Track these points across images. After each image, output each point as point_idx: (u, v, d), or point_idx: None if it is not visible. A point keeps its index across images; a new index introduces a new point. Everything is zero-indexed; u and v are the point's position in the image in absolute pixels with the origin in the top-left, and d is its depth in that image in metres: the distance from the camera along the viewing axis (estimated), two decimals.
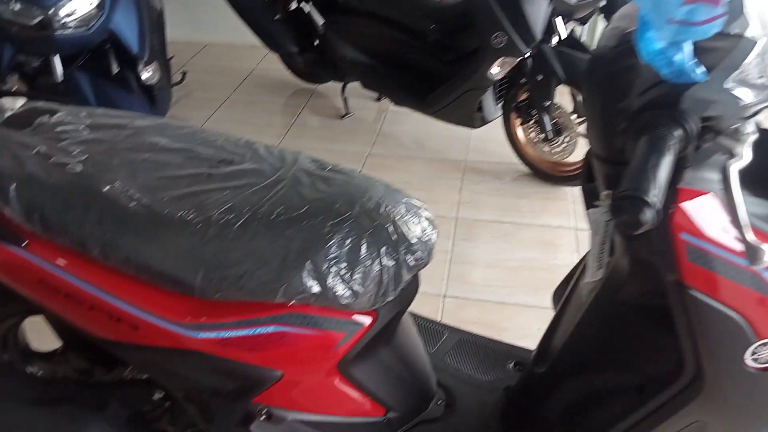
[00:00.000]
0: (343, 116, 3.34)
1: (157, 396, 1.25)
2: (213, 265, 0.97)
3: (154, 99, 2.48)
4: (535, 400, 1.25)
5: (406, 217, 1.06)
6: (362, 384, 1.17)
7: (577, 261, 2.29)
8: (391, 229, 1.03)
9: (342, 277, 0.99)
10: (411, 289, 1.11)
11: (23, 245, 1.01)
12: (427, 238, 1.07)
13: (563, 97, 2.51)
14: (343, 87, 3.28)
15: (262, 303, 1.01)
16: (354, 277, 1.00)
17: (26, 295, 1.07)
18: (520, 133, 2.70)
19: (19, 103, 1.17)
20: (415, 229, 1.06)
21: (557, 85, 2.38)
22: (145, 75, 2.39)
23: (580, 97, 2.49)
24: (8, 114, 1.14)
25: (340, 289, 0.99)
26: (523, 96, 2.56)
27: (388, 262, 1.02)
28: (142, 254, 0.98)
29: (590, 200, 1.02)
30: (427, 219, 1.10)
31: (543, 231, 2.48)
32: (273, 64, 3.91)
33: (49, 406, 1.23)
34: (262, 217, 1.00)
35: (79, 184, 1.01)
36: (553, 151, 2.59)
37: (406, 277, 1.05)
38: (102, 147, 1.08)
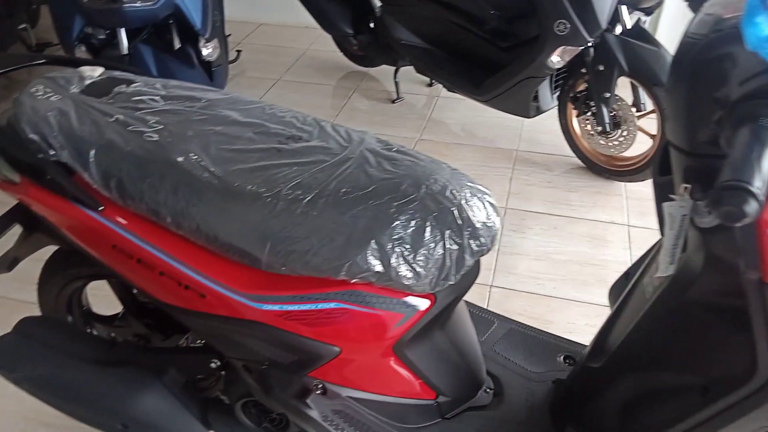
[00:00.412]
0: (394, 101, 3.33)
1: (214, 364, 1.28)
2: (280, 239, 0.98)
3: (212, 75, 2.52)
4: (588, 394, 1.24)
5: (471, 202, 1.05)
6: (416, 366, 1.18)
7: (628, 258, 2.27)
8: (456, 212, 1.03)
9: (405, 258, 1.00)
10: (471, 275, 1.11)
11: (100, 210, 1.04)
12: (491, 224, 1.07)
13: (623, 89, 2.44)
14: (396, 71, 3.27)
15: (325, 279, 1.02)
16: (417, 259, 1.00)
17: (99, 259, 1.11)
18: (575, 124, 2.65)
19: (98, 71, 1.20)
20: (480, 214, 1.05)
21: (619, 77, 2.32)
22: (206, 51, 2.43)
23: (641, 89, 2.43)
24: (88, 81, 1.17)
25: (403, 270, 1.00)
26: (582, 86, 2.51)
27: (452, 245, 1.02)
28: (212, 225, 1.00)
29: (664, 194, 0.99)
30: (491, 205, 1.09)
31: (594, 226, 2.43)
32: (325, 46, 3.93)
33: (112, 368, 1.28)
34: (329, 195, 1.01)
35: (155, 152, 1.03)
36: (609, 145, 2.53)
37: (469, 262, 1.05)
38: (176, 118, 1.10)
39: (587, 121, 2.56)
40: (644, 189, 2.60)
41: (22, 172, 1.08)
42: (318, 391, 1.11)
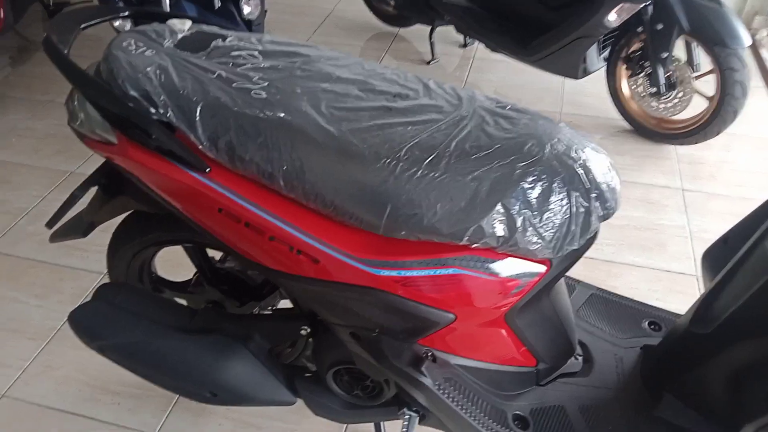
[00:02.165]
0: (429, 62, 3.24)
1: (304, 331, 1.25)
2: (401, 203, 0.93)
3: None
4: (692, 362, 1.21)
5: (595, 162, 1.00)
6: (522, 333, 1.14)
7: (685, 222, 2.23)
8: (582, 174, 0.98)
9: (531, 222, 0.95)
10: (590, 239, 1.06)
11: (207, 172, 0.99)
12: (614, 185, 1.02)
13: (677, 49, 2.36)
14: (431, 31, 3.17)
15: (444, 244, 0.97)
16: (543, 223, 0.96)
17: (198, 224, 1.06)
18: (624, 86, 2.58)
19: (187, 25, 1.13)
20: (605, 175, 1.01)
21: (678, 36, 2.24)
22: (247, 9, 2.33)
23: (697, 49, 2.35)
24: (180, 36, 1.10)
25: (529, 235, 0.95)
26: (635, 46, 2.43)
27: (579, 208, 0.97)
28: (328, 187, 0.95)
29: None
30: (611, 165, 1.04)
31: (648, 190, 2.38)
32: (351, 6, 3.81)
33: (198, 335, 1.24)
34: (450, 156, 0.96)
35: (265, 110, 0.97)
36: (661, 107, 2.47)
37: (594, 225, 1.00)
38: (280, 74, 1.04)
39: (639, 83, 2.49)
40: (696, 152, 2.54)
41: (120, 132, 1.01)
42: (429, 359, 1.07)
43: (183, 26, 1.12)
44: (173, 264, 1.62)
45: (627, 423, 1.25)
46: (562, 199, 0.96)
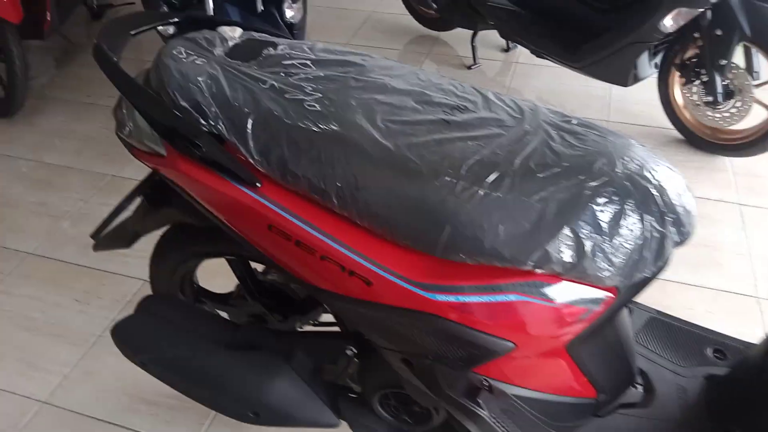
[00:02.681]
0: (470, 67, 3.17)
1: (350, 351, 1.20)
2: (461, 224, 0.88)
3: (293, 38, 2.40)
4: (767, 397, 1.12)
5: (670, 184, 0.93)
6: (583, 363, 1.08)
7: (743, 239, 2.12)
8: (657, 196, 0.91)
9: (600, 247, 0.88)
10: (661, 266, 0.99)
11: (257, 187, 0.95)
12: (690, 209, 0.95)
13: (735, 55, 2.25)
14: (474, 35, 3.10)
15: (505, 268, 0.91)
16: (613, 249, 0.89)
17: (245, 239, 1.02)
18: (677, 93, 2.47)
19: (238, 32, 1.09)
20: (680, 198, 0.93)
21: (739, 42, 2.13)
22: (290, 13, 2.31)
23: (758, 56, 2.23)
24: (232, 43, 1.06)
25: (597, 262, 0.89)
26: (690, 52, 2.32)
27: (653, 234, 0.90)
28: (385, 205, 0.90)
29: None
30: (687, 187, 0.96)
31: (701, 204, 2.27)
32: (390, 8, 3.77)
33: (241, 351, 1.20)
34: (514, 174, 0.90)
35: (319, 123, 0.93)
36: (717, 117, 2.36)
37: (668, 252, 0.93)
38: (334, 85, 0.99)
39: (693, 91, 2.38)
40: (753, 164, 2.42)
41: (169, 144, 0.98)
42: (485, 389, 1.01)
43: (234, 33, 1.08)
44: (214, 274, 1.60)
45: None
46: (634, 223, 0.89)
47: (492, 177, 0.89)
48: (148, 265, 1.42)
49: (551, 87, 3.00)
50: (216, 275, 1.61)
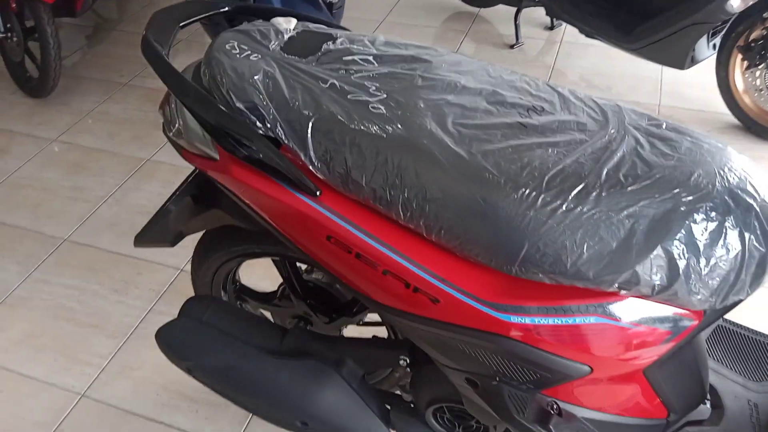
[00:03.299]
0: (513, 46, 3.04)
1: (403, 362, 1.14)
2: (541, 241, 0.80)
3: (333, 17, 2.30)
4: None
5: None
6: (659, 384, 1.00)
7: None
8: (759, 212, 0.81)
9: (695, 269, 0.80)
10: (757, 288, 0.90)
11: (317, 196, 0.88)
12: None
13: None
14: (517, 12, 2.96)
15: (584, 289, 0.83)
16: (709, 271, 0.80)
17: (300, 247, 0.95)
18: (738, 77, 2.32)
19: (293, 23, 1.01)
20: None
21: None
22: None
23: None
24: (287, 36, 0.98)
25: (691, 284, 0.80)
26: (757, 34, 2.17)
27: (752, 254, 0.81)
28: (457, 219, 0.82)
29: None
30: None
31: None
32: None
33: (289, 358, 1.15)
34: (600, 187, 0.81)
35: (385, 128, 0.85)
36: None
37: (767, 275, 0.84)
38: (399, 84, 0.91)
39: (757, 75, 2.23)
40: None
41: (222, 147, 0.91)
42: (554, 412, 0.94)
43: (289, 25, 1.00)
44: (255, 271, 1.55)
45: None
46: (734, 243, 0.80)
47: (576, 190, 0.80)
48: (191, 262, 1.38)
49: (598, 68, 2.87)
50: (257, 272, 1.57)
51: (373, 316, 1.40)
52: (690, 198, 0.80)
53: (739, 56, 2.25)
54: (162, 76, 0.91)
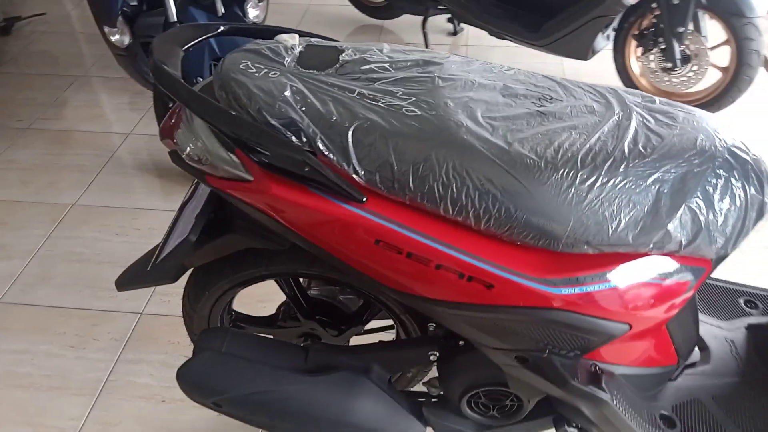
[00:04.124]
0: None
1: (434, 356, 1.17)
2: (584, 215, 0.87)
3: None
4: None
5: (758, 153, 0.97)
6: (676, 333, 1.11)
7: None
8: (755, 166, 0.94)
9: (713, 221, 0.91)
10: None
11: (363, 202, 0.89)
12: None
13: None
14: (424, 21, 3.09)
15: (618, 253, 0.92)
16: (724, 221, 0.91)
17: (344, 257, 0.96)
18: (633, 63, 2.59)
19: (297, 39, 1.01)
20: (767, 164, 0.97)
21: (695, 9, 2.26)
22: (254, 12, 2.19)
23: (708, 20, 2.38)
24: (297, 51, 0.98)
25: (711, 235, 0.91)
26: (647, 22, 2.43)
27: (753, 203, 0.94)
28: (506, 205, 0.87)
29: None
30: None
31: None
32: (326, 0, 3.69)
33: (321, 374, 1.14)
34: (626, 159, 0.90)
35: (425, 129, 0.88)
36: (674, 82, 2.49)
37: (764, 218, 0.97)
38: (423, 87, 0.95)
39: (651, 59, 2.50)
40: None
41: (260, 165, 0.89)
42: (599, 373, 1.02)
43: (294, 41, 1.00)
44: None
45: (761, 407, 1.24)
46: (739, 194, 0.92)
47: (607, 164, 0.88)
48: (183, 299, 1.32)
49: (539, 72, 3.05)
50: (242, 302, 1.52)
51: (376, 323, 1.41)
52: (701, 159, 0.91)
53: (634, 43, 2.51)
54: (184, 100, 0.88)
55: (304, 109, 0.88)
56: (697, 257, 0.96)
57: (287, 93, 0.89)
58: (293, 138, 0.88)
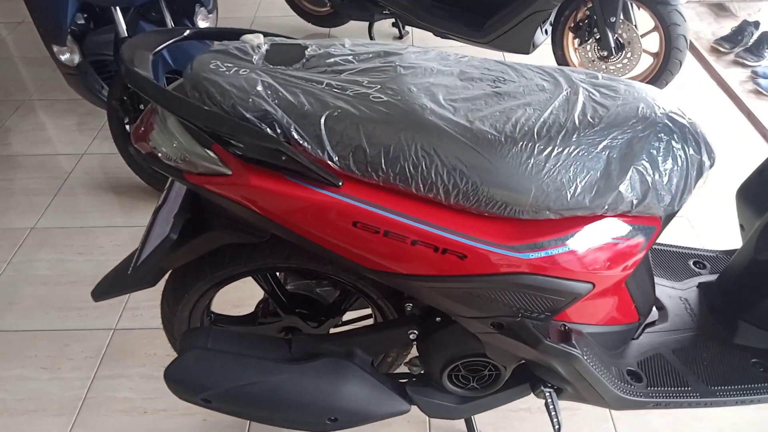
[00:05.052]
0: None
1: (413, 334, 1.22)
2: (544, 183, 0.94)
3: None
4: (764, 286, 1.32)
5: (693, 116, 1.07)
6: (634, 291, 1.20)
7: None
8: (692, 129, 1.04)
9: (659, 181, 1.00)
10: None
11: (339, 186, 0.94)
12: (708, 135, 1.09)
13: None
14: (370, 26, 3.16)
15: (578, 217, 1.00)
16: (669, 180, 1.01)
17: (320, 243, 1.00)
18: (572, 54, 2.73)
19: (261, 38, 1.06)
20: (702, 126, 1.07)
21: (623, 0, 2.41)
22: (204, 24, 2.21)
23: (639, 11, 2.53)
24: (263, 50, 1.02)
25: (659, 193, 1.00)
26: (581, 15, 2.57)
27: (693, 162, 1.03)
28: (473, 179, 0.93)
29: None
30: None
31: None
32: (271, 12, 3.73)
33: (305, 362, 1.18)
34: (576, 130, 0.98)
35: (393, 113, 0.94)
36: (611, 68, 2.64)
37: (704, 175, 1.07)
38: (387, 75, 1.00)
39: (588, 49, 2.64)
40: None
41: (239, 159, 0.93)
42: (569, 331, 1.09)
43: (259, 40, 1.04)
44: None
45: (715, 355, 1.34)
46: (681, 155, 1.01)
47: (561, 135, 0.96)
48: (161, 305, 1.33)
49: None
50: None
51: (353, 314, 1.46)
52: (642, 125, 1.00)
53: (571, 35, 2.64)
54: (160, 100, 0.91)
55: (276, 101, 0.93)
56: (648, 216, 1.05)
57: (259, 88, 0.93)
58: (268, 130, 0.92)
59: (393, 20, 3.20)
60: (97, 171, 2.55)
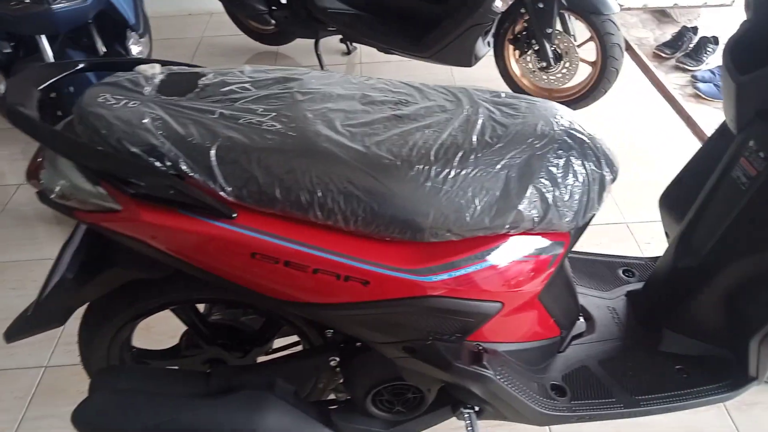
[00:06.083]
0: None
1: (334, 361, 1.20)
2: (442, 205, 0.94)
3: None
4: (684, 295, 1.33)
5: (593, 132, 1.07)
6: (550, 306, 1.20)
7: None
8: (592, 144, 1.04)
9: (559, 197, 1.00)
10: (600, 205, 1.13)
11: (233, 218, 0.92)
12: (610, 150, 1.10)
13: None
14: (316, 43, 3.15)
15: (482, 237, 0.99)
16: (569, 197, 1.01)
17: (221, 276, 0.98)
18: (514, 65, 2.75)
19: (157, 68, 1.03)
20: (602, 141, 1.08)
21: (558, 11, 2.44)
22: (137, 49, 2.17)
23: (576, 21, 2.58)
24: (157, 80, 1.00)
25: (559, 210, 1.00)
26: (520, 27, 2.60)
27: (594, 177, 1.04)
28: (370, 205, 0.92)
29: None
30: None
31: None
32: (219, 31, 3.71)
33: (223, 397, 1.15)
34: (475, 150, 0.97)
35: (286, 142, 0.92)
36: (551, 79, 2.67)
37: (606, 190, 1.07)
38: (283, 102, 0.99)
39: (528, 60, 2.67)
40: (589, 116, 2.78)
41: (127, 195, 0.91)
42: (483, 352, 1.09)
43: (154, 70, 1.02)
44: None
45: (640, 364, 1.35)
46: (580, 171, 1.02)
47: (458, 157, 0.96)
48: (78, 339, 1.29)
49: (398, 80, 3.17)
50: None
51: (282, 342, 1.43)
52: (540, 143, 1.00)
53: (511, 47, 2.67)
54: (42, 139, 0.88)
55: (164, 134, 0.90)
56: (554, 232, 1.06)
57: (146, 120, 0.91)
58: (156, 163, 0.90)
59: (341, 36, 3.20)
60: (35, 202, 2.48)
